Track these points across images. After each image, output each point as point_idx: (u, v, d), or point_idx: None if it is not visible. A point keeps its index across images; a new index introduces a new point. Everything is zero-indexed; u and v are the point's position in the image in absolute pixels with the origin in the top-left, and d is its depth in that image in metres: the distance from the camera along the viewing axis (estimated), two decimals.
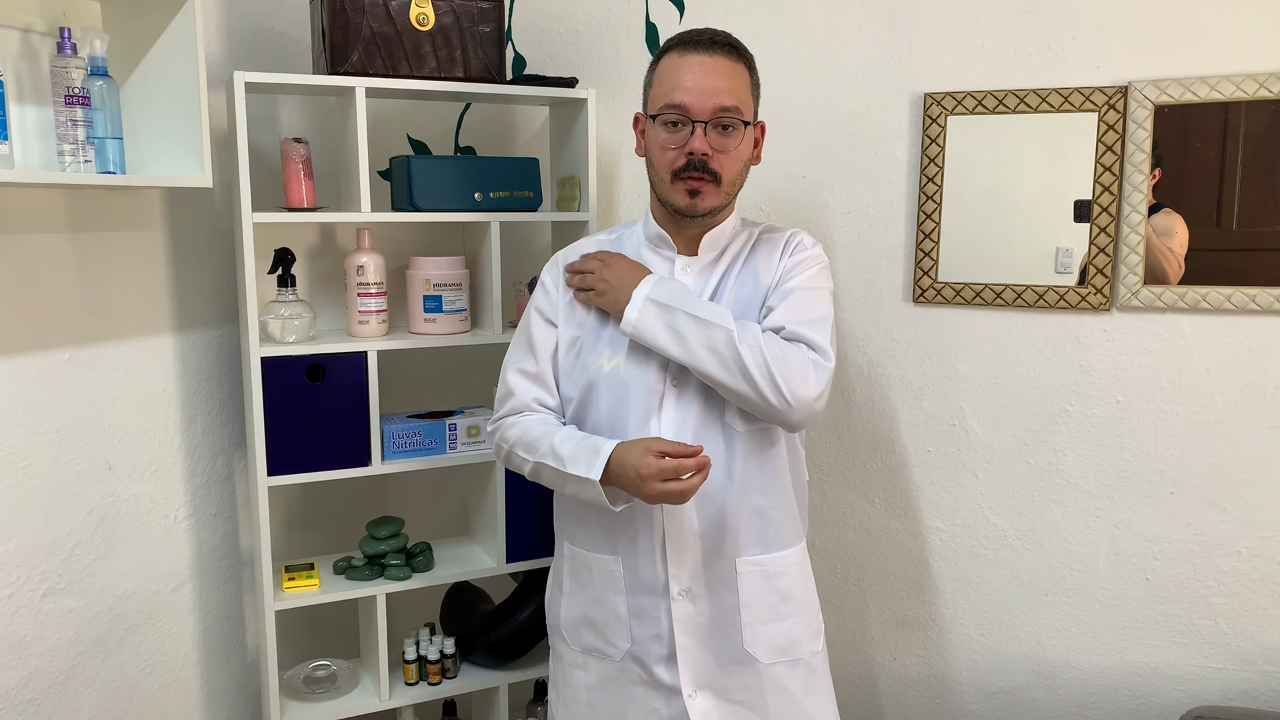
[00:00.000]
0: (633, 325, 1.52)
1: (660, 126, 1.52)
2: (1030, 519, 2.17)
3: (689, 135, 1.50)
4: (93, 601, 1.83)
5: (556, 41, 2.40)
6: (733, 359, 1.46)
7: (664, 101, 1.51)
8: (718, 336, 1.47)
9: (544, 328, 1.65)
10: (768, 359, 1.46)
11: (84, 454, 1.80)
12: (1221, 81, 1.89)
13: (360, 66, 1.96)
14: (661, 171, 1.54)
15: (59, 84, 1.59)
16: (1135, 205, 1.97)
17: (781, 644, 1.60)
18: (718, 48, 1.51)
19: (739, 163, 1.55)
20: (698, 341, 1.48)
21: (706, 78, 1.49)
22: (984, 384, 2.16)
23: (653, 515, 1.56)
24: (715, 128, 1.50)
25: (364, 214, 1.98)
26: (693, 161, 1.50)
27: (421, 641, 2.20)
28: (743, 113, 1.52)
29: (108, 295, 1.84)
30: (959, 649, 2.27)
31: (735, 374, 1.46)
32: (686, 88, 1.49)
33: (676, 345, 1.49)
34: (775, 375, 1.46)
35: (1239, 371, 1.96)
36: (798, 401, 1.47)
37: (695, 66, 1.50)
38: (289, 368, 1.95)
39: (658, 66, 1.56)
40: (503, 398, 1.67)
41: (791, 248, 1.61)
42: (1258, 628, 2.01)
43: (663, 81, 1.53)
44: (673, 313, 1.50)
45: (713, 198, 1.53)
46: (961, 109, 2.08)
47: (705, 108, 1.49)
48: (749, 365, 1.45)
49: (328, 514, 2.38)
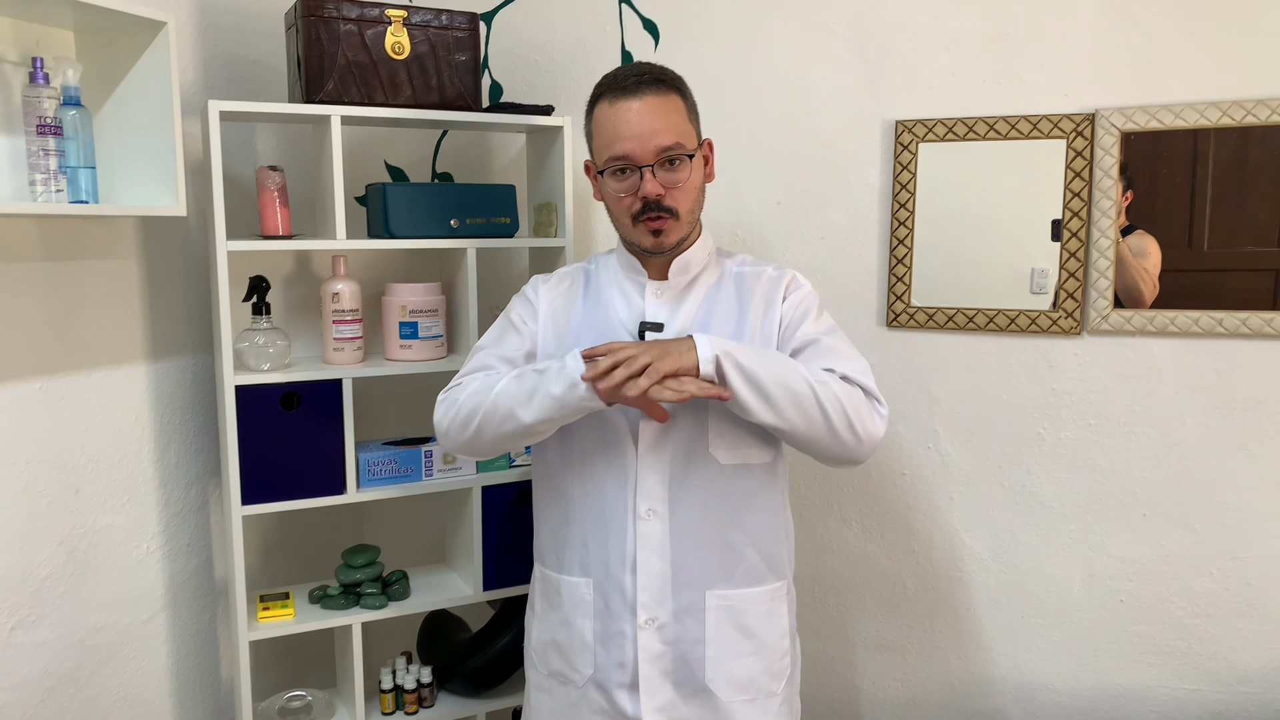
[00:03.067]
0: (713, 364, 1.43)
1: (610, 178, 1.54)
2: (1005, 541, 2.18)
3: (639, 181, 1.51)
4: (63, 634, 1.80)
5: (533, 69, 2.42)
6: (813, 400, 1.45)
7: (607, 155, 1.52)
8: (793, 375, 1.45)
9: (514, 334, 1.65)
10: (841, 400, 1.46)
11: (55, 484, 1.79)
12: (1185, 109, 1.93)
13: (336, 95, 1.97)
14: (621, 217, 1.56)
15: (31, 114, 1.59)
16: (1104, 230, 2.00)
17: (741, 681, 1.59)
18: (645, 87, 1.50)
19: (693, 192, 1.56)
20: (773, 380, 1.43)
21: (642, 122, 1.49)
22: (958, 407, 2.18)
23: (626, 540, 1.56)
24: (662, 167, 1.51)
25: (339, 241, 1.98)
26: (648, 204, 1.51)
27: (398, 670, 2.18)
28: (685, 145, 1.52)
29: (80, 324, 1.83)
30: (938, 672, 2.27)
31: (814, 415, 1.45)
32: (625, 136, 1.49)
33: (749, 388, 1.44)
34: (851, 418, 1.47)
35: (1208, 394, 1.99)
36: (869, 441, 1.49)
37: (628, 114, 1.50)
38: (263, 396, 1.95)
39: (593, 117, 1.56)
40: (461, 379, 1.62)
41: (790, 289, 1.62)
42: (1230, 648, 2.03)
43: (601, 134, 1.54)
44: (740, 357, 1.44)
45: (676, 231, 1.55)
46: (933, 136, 2.11)
47: (647, 151, 1.49)
48: (828, 407, 1.45)
49: (303, 542, 2.36)
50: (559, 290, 1.68)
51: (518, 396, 1.49)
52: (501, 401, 1.50)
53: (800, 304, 1.60)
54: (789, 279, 1.63)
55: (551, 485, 1.66)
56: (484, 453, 1.60)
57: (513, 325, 1.66)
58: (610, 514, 1.57)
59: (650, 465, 1.55)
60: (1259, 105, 1.88)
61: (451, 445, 1.60)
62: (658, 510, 1.55)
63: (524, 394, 1.49)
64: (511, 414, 1.50)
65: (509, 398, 1.50)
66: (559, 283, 1.69)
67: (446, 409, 1.58)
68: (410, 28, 2.03)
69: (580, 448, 1.59)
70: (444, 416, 1.58)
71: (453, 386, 1.61)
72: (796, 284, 1.63)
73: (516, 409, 1.49)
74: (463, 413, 1.55)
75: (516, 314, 1.67)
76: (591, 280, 1.68)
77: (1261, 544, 1.99)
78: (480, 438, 1.55)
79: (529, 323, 1.65)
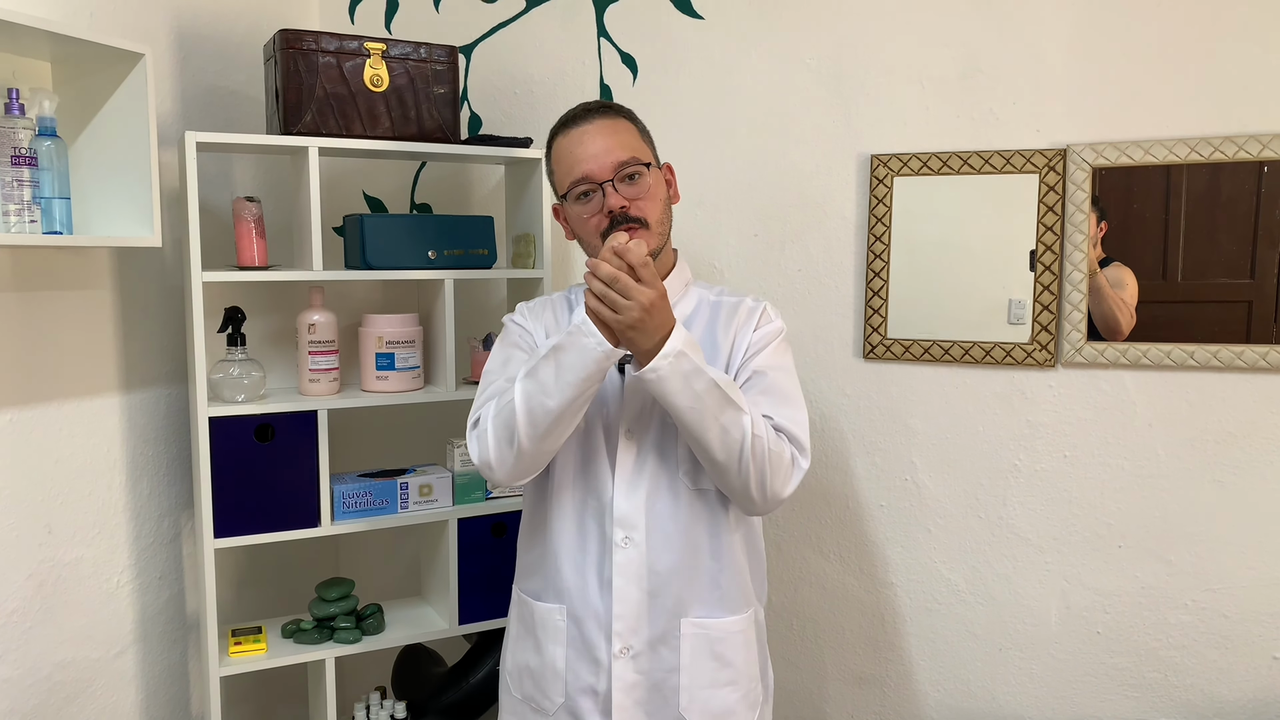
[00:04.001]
0: (656, 374, 1.41)
1: (575, 203, 1.57)
2: (982, 573, 2.18)
3: (602, 198, 1.54)
4: (29, 670, 1.77)
5: (512, 101, 2.44)
6: (739, 447, 1.44)
7: (569, 180, 1.56)
8: (733, 418, 1.44)
9: (519, 354, 1.61)
10: (767, 456, 1.46)
11: (24, 517, 1.76)
12: (1155, 145, 1.96)
13: (314, 126, 1.97)
14: (591, 239, 1.57)
15: (5, 145, 1.58)
16: (1077, 264, 2.02)
17: (716, 711, 1.58)
18: (594, 114, 1.58)
19: (658, 202, 1.58)
20: (712, 412, 1.43)
21: (595, 142, 1.55)
22: (934, 439, 2.19)
23: (602, 566, 1.56)
24: (622, 180, 1.54)
25: (316, 272, 1.97)
26: (615, 218, 1.53)
27: (372, 706, 2.16)
28: (641, 158, 1.56)
29: (52, 355, 1.82)
30: (915, 705, 2.27)
31: (733, 458, 1.45)
32: (582, 158, 1.54)
33: (689, 407, 1.43)
34: (766, 473, 1.47)
35: (1180, 426, 2.01)
36: (773, 500, 1.50)
37: (582, 138, 1.56)
38: (238, 427, 1.93)
39: (552, 154, 1.62)
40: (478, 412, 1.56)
41: (763, 321, 1.62)
42: (1206, 680, 2.03)
43: (561, 163, 1.59)
44: (700, 374, 1.43)
45: (648, 241, 1.55)
46: (907, 170, 2.13)
47: (605, 167, 1.53)
48: (748, 461, 1.45)
49: (276, 576, 2.34)
50: (545, 312, 1.69)
51: (538, 388, 1.44)
52: (530, 403, 1.45)
53: (767, 335, 1.61)
54: (763, 310, 1.64)
55: (530, 510, 1.67)
56: (532, 467, 1.52)
57: (516, 345, 1.64)
58: (587, 541, 1.57)
59: (626, 493, 1.55)
60: (1226, 142, 1.91)
61: (505, 474, 1.51)
62: (633, 538, 1.54)
63: (543, 382, 1.43)
64: (543, 408, 1.44)
65: (530, 396, 1.44)
66: (543, 308, 1.70)
67: (479, 442, 1.52)
68: (389, 60, 2.04)
69: (558, 475, 1.59)
70: (482, 450, 1.51)
71: (474, 424, 1.55)
72: (769, 317, 1.64)
73: (546, 401, 1.44)
74: (500, 436, 1.48)
75: (516, 335, 1.66)
76: (573, 308, 1.69)
77: (1235, 576, 1.99)
78: (522, 454, 1.48)
79: (529, 338, 1.64)
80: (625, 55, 2.34)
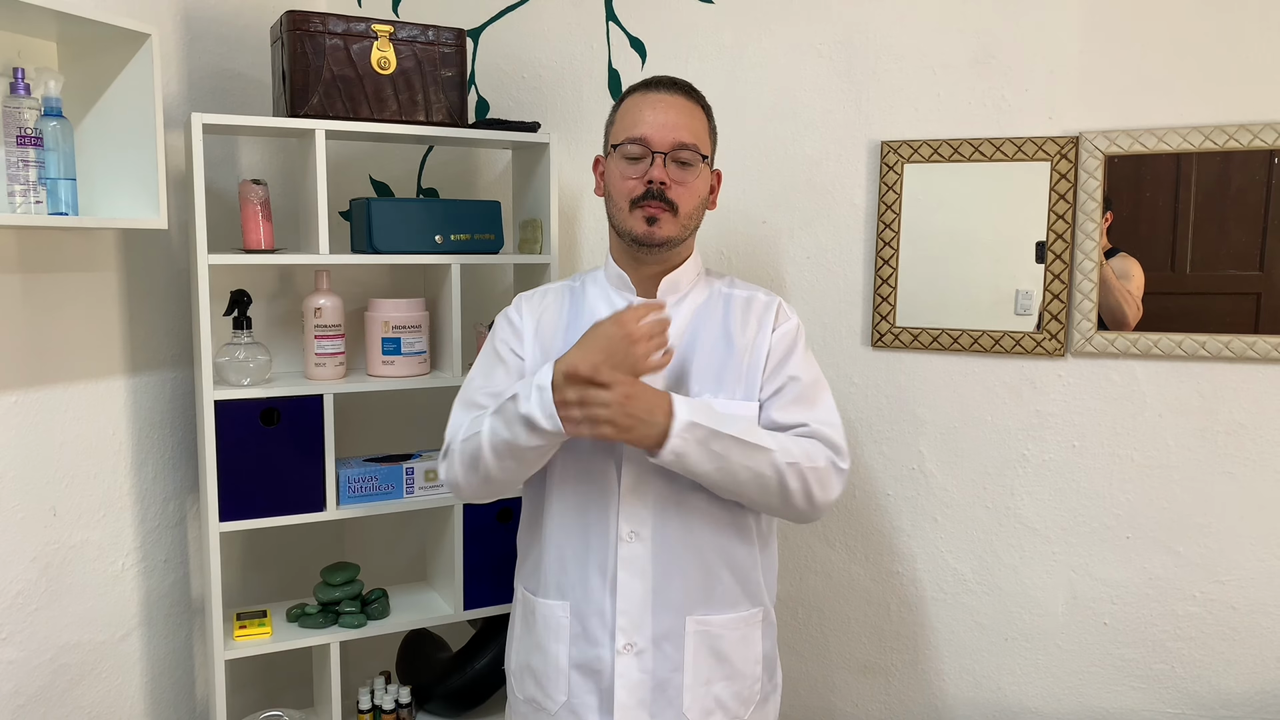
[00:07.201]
0: (677, 454, 1.43)
1: (620, 159, 1.56)
2: (989, 563, 2.17)
3: (648, 166, 1.53)
4: (34, 652, 1.77)
5: (519, 86, 2.42)
6: (775, 481, 1.47)
7: (625, 135, 1.56)
8: (761, 460, 1.46)
9: (502, 369, 1.62)
10: (805, 475, 1.48)
11: (29, 500, 1.76)
12: (1169, 133, 1.94)
13: (320, 109, 1.96)
14: (620, 201, 1.56)
15: (11, 125, 1.57)
16: (1088, 253, 2.01)
17: (708, 707, 1.57)
18: (679, 89, 1.58)
19: (696, 197, 1.57)
20: (739, 462, 1.46)
21: (667, 113, 1.54)
22: (942, 428, 2.18)
23: (607, 562, 1.54)
24: (674, 161, 1.54)
25: (322, 256, 1.96)
26: (651, 190, 1.52)
27: (377, 690, 2.16)
28: (700, 149, 1.56)
29: (58, 337, 1.81)
30: (921, 695, 2.26)
31: (771, 494, 1.49)
32: (648, 122, 1.54)
33: (716, 469, 1.46)
34: (809, 490, 1.49)
35: (1191, 416, 1.99)
36: (822, 508, 1.53)
37: (656, 103, 1.55)
38: (243, 411, 1.93)
39: (620, 106, 1.61)
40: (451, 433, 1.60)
41: (780, 319, 1.62)
42: (1213, 672, 2.02)
43: (624, 118, 1.58)
44: (717, 435, 1.45)
45: (670, 227, 1.54)
46: (918, 157, 2.12)
47: (665, 140, 1.53)
48: (790, 486, 1.48)
49: (281, 560, 2.34)
50: (544, 306, 1.66)
51: (505, 428, 1.47)
52: (494, 439, 1.48)
53: (787, 336, 1.60)
54: (778, 307, 1.63)
55: (533, 506, 1.65)
56: (501, 491, 1.57)
57: (500, 358, 1.63)
58: (592, 535, 1.55)
59: (634, 487, 1.53)
60: (1240, 130, 1.89)
61: (473, 497, 1.59)
62: (640, 533, 1.53)
63: (506, 425, 1.47)
64: (509, 448, 1.48)
65: (495, 432, 1.48)
66: (543, 299, 1.68)
67: (447, 471, 1.58)
68: (396, 43, 2.02)
69: (563, 469, 1.58)
70: (450, 474, 1.57)
71: (444, 453, 1.59)
72: (785, 314, 1.63)
73: (513, 442, 1.47)
74: (466, 465, 1.53)
75: (502, 342, 1.64)
76: (578, 297, 1.67)
77: (1244, 567, 1.99)
78: (490, 480, 1.53)
79: (516, 351, 1.63)
80: (634, 39, 2.32)
